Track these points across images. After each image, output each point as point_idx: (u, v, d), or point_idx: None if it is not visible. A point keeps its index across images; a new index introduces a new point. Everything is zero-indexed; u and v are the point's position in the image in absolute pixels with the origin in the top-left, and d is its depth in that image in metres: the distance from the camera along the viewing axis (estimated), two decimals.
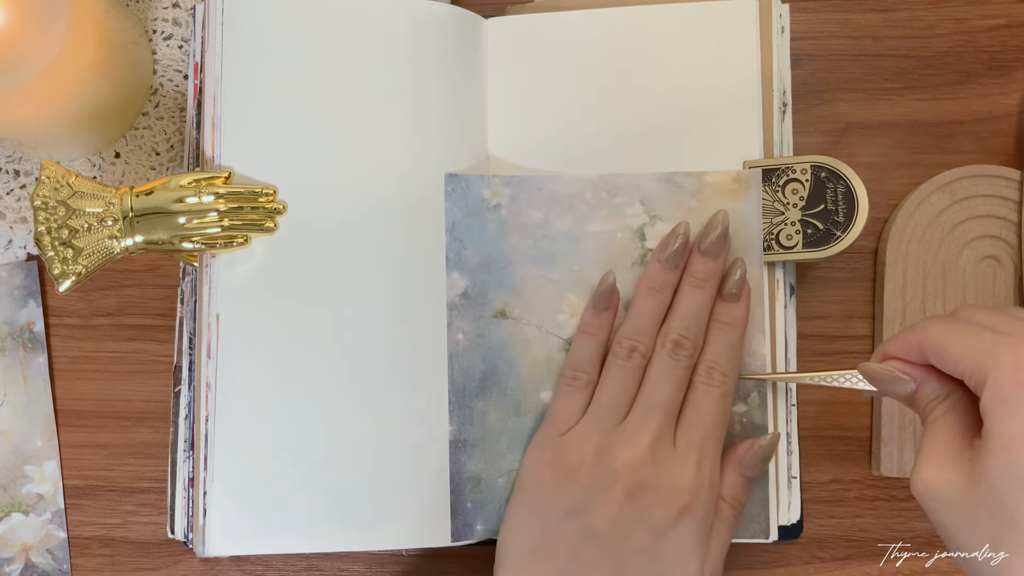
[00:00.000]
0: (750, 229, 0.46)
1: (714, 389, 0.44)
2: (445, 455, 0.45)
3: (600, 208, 0.47)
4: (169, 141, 0.52)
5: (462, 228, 0.46)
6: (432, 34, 0.47)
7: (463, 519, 0.45)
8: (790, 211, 0.46)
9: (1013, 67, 0.52)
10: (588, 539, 0.42)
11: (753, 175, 0.46)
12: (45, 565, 0.51)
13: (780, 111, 0.47)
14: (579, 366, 0.45)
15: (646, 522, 0.41)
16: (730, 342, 0.45)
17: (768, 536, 0.45)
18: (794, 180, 0.46)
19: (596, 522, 0.42)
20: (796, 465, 0.46)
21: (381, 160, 0.46)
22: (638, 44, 0.48)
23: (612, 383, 0.44)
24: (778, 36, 0.47)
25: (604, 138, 0.47)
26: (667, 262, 0.45)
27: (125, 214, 0.44)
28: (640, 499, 0.41)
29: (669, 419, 0.43)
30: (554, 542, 0.42)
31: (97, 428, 0.52)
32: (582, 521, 0.42)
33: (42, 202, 0.44)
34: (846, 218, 0.45)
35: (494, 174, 0.47)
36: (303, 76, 0.45)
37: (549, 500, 0.43)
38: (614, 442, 0.43)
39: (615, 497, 0.42)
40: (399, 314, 0.45)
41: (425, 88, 0.46)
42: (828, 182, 0.46)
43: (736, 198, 0.46)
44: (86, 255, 0.44)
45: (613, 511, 0.41)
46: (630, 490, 0.42)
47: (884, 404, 0.50)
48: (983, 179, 0.50)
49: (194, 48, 0.47)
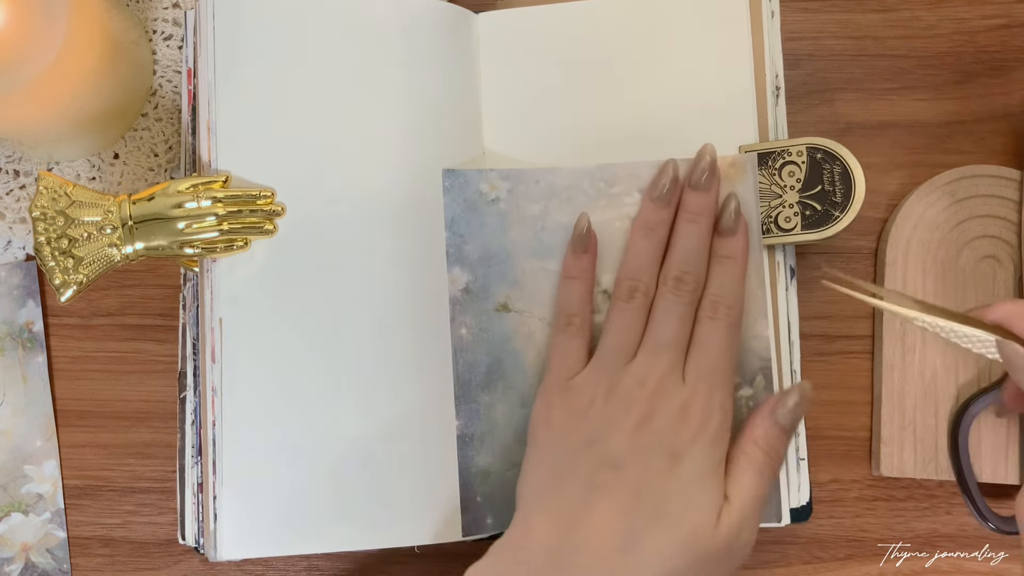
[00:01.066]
0: (748, 212, 0.46)
1: (719, 322, 0.43)
2: (453, 450, 0.45)
3: (598, 198, 0.47)
4: (168, 142, 0.52)
5: (461, 223, 0.46)
6: (424, 31, 0.47)
7: (474, 513, 0.45)
8: (788, 193, 0.46)
9: (1013, 67, 0.52)
10: (606, 465, 0.41)
11: (749, 159, 0.46)
12: (45, 565, 0.51)
13: (774, 95, 0.47)
14: (569, 310, 0.45)
15: (661, 447, 0.41)
16: (732, 274, 0.44)
17: (780, 519, 0.45)
18: (790, 163, 0.46)
19: (612, 449, 0.41)
20: (804, 447, 0.46)
21: (377, 158, 0.46)
22: (629, 34, 0.48)
23: (615, 326, 0.44)
24: (768, 20, 0.47)
25: (599, 129, 0.48)
26: (659, 200, 0.45)
27: (124, 221, 0.44)
28: (653, 426, 0.41)
29: (677, 356, 0.43)
30: (571, 471, 0.42)
31: (97, 428, 0.52)
32: (598, 449, 0.41)
33: (41, 212, 0.43)
34: (844, 198, 0.45)
35: (491, 168, 0.47)
36: (296, 77, 0.45)
37: (563, 438, 0.43)
38: (625, 380, 0.42)
39: (628, 426, 0.41)
40: (402, 311, 0.45)
41: (419, 85, 0.46)
42: (824, 163, 0.46)
43: (733, 183, 0.46)
44: (87, 264, 0.44)
45: (628, 439, 0.41)
46: (642, 419, 0.41)
47: (884, 404, 0.50)
48: (983, 179, 0.50)
49: (187, 53, 0.47)
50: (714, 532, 0.40)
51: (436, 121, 0.47)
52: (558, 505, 0.41)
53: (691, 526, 0.40)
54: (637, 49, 0.48)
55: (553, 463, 0.42)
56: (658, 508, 0.40)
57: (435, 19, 0.47)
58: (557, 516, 0.41)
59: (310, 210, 0.45)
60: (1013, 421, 0.49)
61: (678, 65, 0.47)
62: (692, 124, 0.47)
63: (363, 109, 0.46)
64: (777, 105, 0.47)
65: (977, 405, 0.48)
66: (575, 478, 0.41)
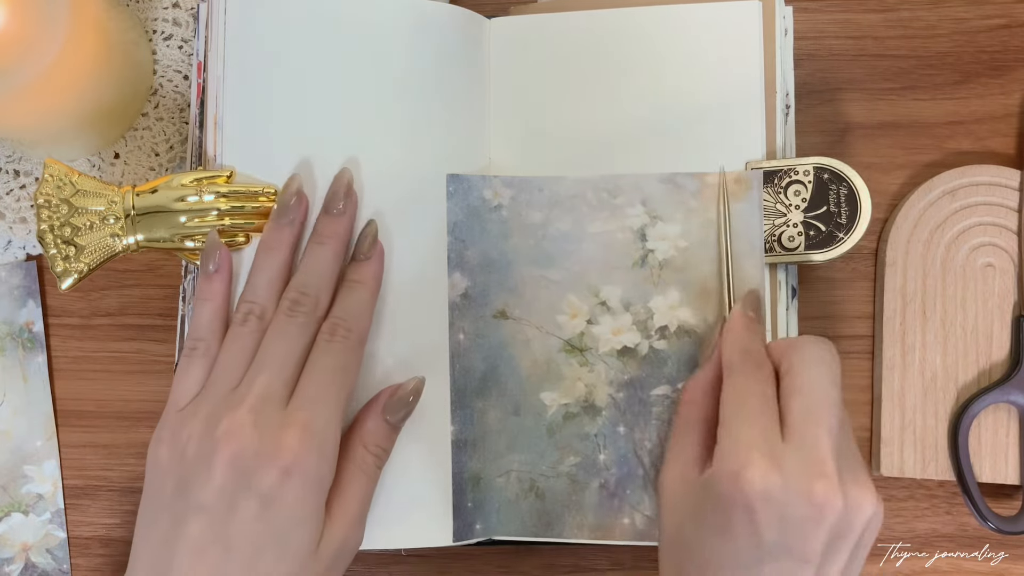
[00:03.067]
0: (751, 230, 0.46)
1: (335, 344, 0.42)
2: (446, 455, 0.45)
3: (601, 209, 0.47)
4: (169, 142, 0.52)
5: (463, 228, 0.46)
6: (434, 34, 0.47)
7: (464, 519, 0.45)
8: (792, 213, 0.46)
9: (1013, 67, 0.52)
10: (193, 515, 0.39)
11: (754, 176, 0.46)
12: (45, 565, 0.51)
13: (783, 113, 0.47)
14: (196, 334, 0.43)
15: (250, 489, 0.38)
16: (359, 299, 0.43)
17: None
18: (796, 182, 0.46)
19: (200, 496, 0.39)
20: None
21: (382, 160, 0.46)
22: (642, 45, 0.47)
23: (225, 351, 0.42)
24: (781, 38, 0.47)
25: (607, 139, 0.47)
26: (280, 218, 0.43)
27: (127, 212, 0.44)
28: (240, 465, 0.39)
29: (277, 380, 0.40)
30: (165, 521, 0.39)
31: (97, 428, 0.52)
32: (187, 497, 0.39)
33: (45, 200, 0.44)
34: (849, 220, 0.45)
35: (496, 175, 0.47)
36: (305, 76, 0.45)
37: (163, 481, 0.40)
38: (219, 409, 0.40)
39: (216, 467, 0.39)
40: (400, 314, 0.45)
41: (427, 88, 0.46)
42: (831, 183, 0.45)
43: (737, 199, 0.46)
44: (88, 253, 0.44)
45: (215, 483, 0.39)
46: (228, 457, 0.39)
47: (884, 404, 0.50)
48: (983, 179, 0.50)
49: (197, 47, 0.47)
50: (314, 560, 0.39)
51: (442, 125, 0.47)
52: (155, 559, 0.39)
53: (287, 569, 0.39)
54: (648, 61, 0.47)
55: (153, 511, 0.40)
56: (251, 560, 0.38)
57: (446, 23, 0.47)
58: (153, 572, 0.39)
59: (312, 208, 0.45)
60: (1013, 421, 0.49)
61: (688, 78, 0.47)
62: (699, 138, 0.47)
63: (369, 111, 0.46)
64: (787, 124, 0.47)
65: (977, 405, 0.48)
66: (168, 530, 0.39)
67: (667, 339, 0.46)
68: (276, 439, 0.39)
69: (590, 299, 0.46)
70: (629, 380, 0.46)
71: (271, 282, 0.43)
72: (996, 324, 0.50)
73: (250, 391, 0.40)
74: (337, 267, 0.43)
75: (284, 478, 0.39)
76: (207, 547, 0.38)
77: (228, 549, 0.38)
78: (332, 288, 0.43)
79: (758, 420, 0.39)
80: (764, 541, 0.37)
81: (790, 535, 0.37)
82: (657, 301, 0.46)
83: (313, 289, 0.42)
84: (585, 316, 0.46)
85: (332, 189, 0.44)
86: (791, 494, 0.37)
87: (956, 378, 0.50)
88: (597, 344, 0.46)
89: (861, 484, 0.38)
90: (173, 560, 0.38)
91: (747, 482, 0.37)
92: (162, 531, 0.39)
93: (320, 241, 0.43)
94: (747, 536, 0.37)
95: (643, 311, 0.46)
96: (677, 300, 0.46)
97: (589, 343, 0.46)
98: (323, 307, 0.43)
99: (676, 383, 0.46)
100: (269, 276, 0.43)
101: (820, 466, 0.37)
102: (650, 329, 0.46)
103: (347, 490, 0.41)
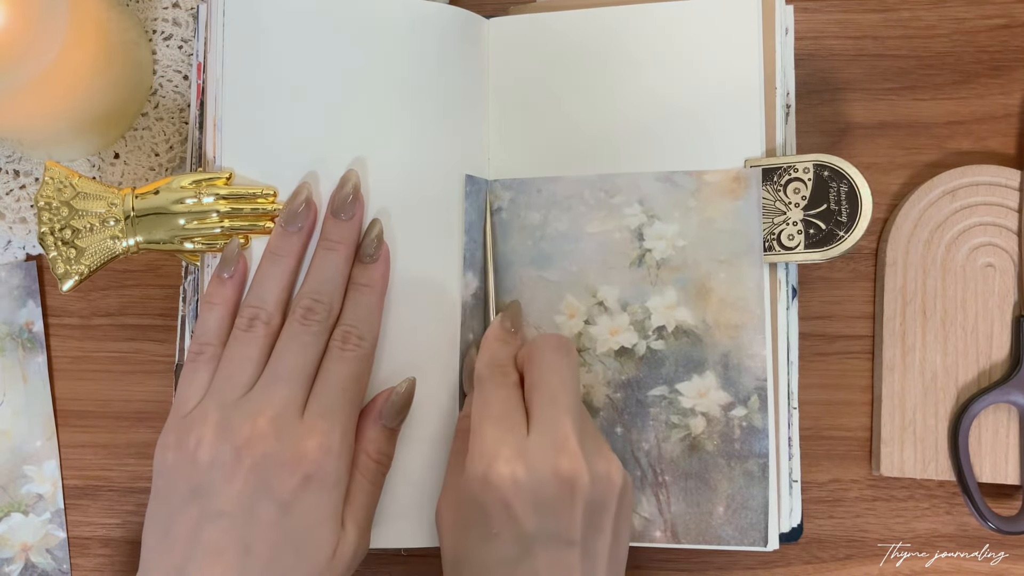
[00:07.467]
0: (750, 229, 0.45)
1: (348, 353, 0.42)
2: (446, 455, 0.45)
3: (598, 208, 0.47)
4: (168, 142, 0.52)
5: (476, 229, 0.47)
6: (433, 34, 0.47)
7: None
8: (792, 211, 0.45)
9: (1013, 67, 0.52)
10: (210, 520, 0.39)
11: (753, 174, 0.46)
12: (45, 565, 0.51)
13: (783, 112, 0.47)
14: (202, 338, 0.43)
15: (270, 495, 0.39)
16: (368, 304, 0.43)
17: (767, 544, 0.44)
18: (796, 179, 0.45)
19: (218, 501, 0.39)
20: (797, 469, 0.46)
21: (381, 161, 0.46)
22: (640, 43, 0.47)
23: (230, 355, 0.42)
24: (782, 36, 0.47)
25: (607, 137, 0.47)
26: (288, 225, 0.43)
27: (127, 214, 0.44)
28: (261, 472, 0.39)
29: (295, 389, 0.41)
30: (180, 525, 0.39)
31: (97, 428, 0.52)
32: (204, 502, 0.39)
33: (45, 202, 0.44)
34: (849, 218, 0.45)
35: (495, 175, 0.47)
36: (304, 78, 0.45)
37: (174, 486, 0.40)
38: (234, 417, 0.40)
39: (235, 473, 0.39)
40: (406, 315, 0.45)
41: (426, 88, 0.46)
42: (831, 181, 0.45)
43: (736, 197, 0.46)
44: (88, 255, 0.44)
45: (235, 488, 0.39)
46: (250, 465, 0.39)
47: (884, 404, 0.50)
48: (983, 179, 0.50)
49: (197, 48, 0.47)
50: (330, 567, 0.40)
51: (442, 125, 0.47)
52: (169, 564, 0.39)
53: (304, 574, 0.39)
54: (647, 59, 0.47)
55: (166, 515, 0.40)
56: (270, 562, 0.39)
57: (444, 23, 0.47)
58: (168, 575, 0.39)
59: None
60: (1013, 421, 0.49)
61: (687, 78, 0.47)
62: (698, 136, 0.47)
63: (369, 111, 0.46)
64: (787, 123, 0.47)
65: (977, 405, 0.48)
66: (183, 533, 0.39)
67: (665, 339, 0.46)
68: (297, 448, 0.39)
69: (588, 299, 0.46)
70: (627, 381, 0.46)
71: (278, 289, 0.43)
72: (996, 324, 0.50)
73: (270, 401, 0.40)
74: (347, 272, 0.44)
75: (304, 484, 0.39)
76: (225, 551, 0.38)
77: (247, 553, 0.39)
78: (343, 293, 0.43)
79: (502, 421, 0.40)
80: (526, 531, 0.38)
81: (548, 518, 0.38)
82: (655, 301, 0.46)
83: (327, 296, 0.42)
84: (583, 316, 0.46)
85: (339, 192, 0.44)
86: (538, 476, 0.38)
87: (956, 378, 0.50)
88: (595, 344, 0.46)
89: (606, 457, 0.40)
90: (189, 563, 0.38)
91: (496, 476, 0.38)
92: (176, 535, 0.39)
93: (330, 247, 0.43)
94: (510, 531, 0.38)
95: (640, 311, 0.46)
96: (674, 300, 0.46)
97: (587, 343, 0.46)
98: (335, 314, 0.43)
99: (674, 383, 0.46)
100: (276, 283, 0.43)
101: (563, 444, 0.39)
102: (647, 329, 0.46)
103: (356, 498, 0.42)
